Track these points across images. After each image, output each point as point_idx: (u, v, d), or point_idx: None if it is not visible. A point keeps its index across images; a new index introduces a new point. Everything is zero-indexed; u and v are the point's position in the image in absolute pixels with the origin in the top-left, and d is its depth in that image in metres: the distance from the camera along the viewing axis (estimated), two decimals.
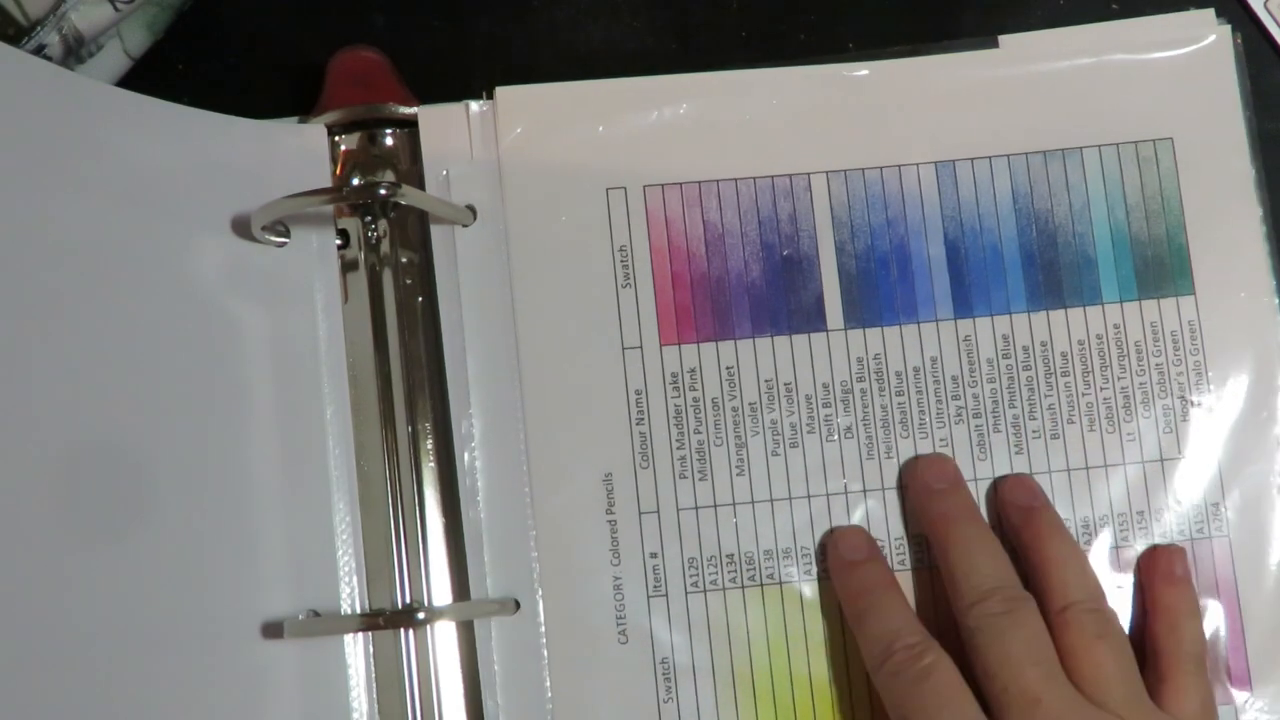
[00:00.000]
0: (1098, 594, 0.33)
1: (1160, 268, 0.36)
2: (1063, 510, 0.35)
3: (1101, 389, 0.36)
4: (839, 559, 0.34)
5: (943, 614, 0.34)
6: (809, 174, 0.36)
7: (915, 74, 0.36)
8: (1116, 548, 0.35)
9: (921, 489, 0.34)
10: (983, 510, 0.35)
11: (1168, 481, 0.35)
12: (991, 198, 0.36)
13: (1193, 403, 0.36)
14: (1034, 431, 0.35)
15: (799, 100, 0.36)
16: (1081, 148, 0.36)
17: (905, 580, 0.35)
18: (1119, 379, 0.36)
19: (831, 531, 0.35)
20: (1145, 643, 0.34)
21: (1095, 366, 0.36)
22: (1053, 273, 0.36)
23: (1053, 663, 0.31)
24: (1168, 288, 0.36)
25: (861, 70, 0.36)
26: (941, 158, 0.36)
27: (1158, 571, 0.34)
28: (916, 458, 0.35)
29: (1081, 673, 0.31)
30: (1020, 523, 0.34)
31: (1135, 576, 0.35)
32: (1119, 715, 0.31)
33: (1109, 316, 0.36)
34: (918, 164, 0.36)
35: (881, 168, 0.36)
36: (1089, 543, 0.35)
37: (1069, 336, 0.36)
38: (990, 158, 0.36)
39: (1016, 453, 0.35)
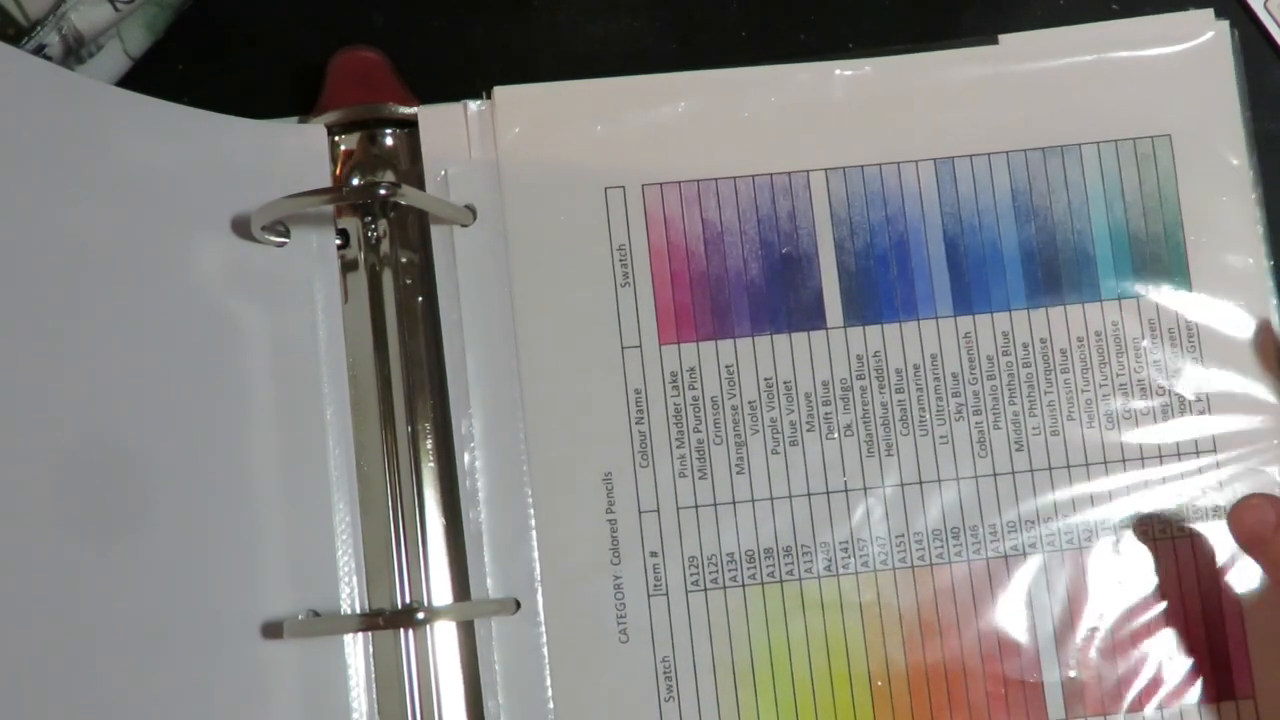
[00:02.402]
0: None
1: (1158, 264, 0.36)
2: (1062, 508, 0.35)
3: (1101, 385, 0.36)
4: (1252, 533, 0.32)
5: (949, 608, 0.34)
6: (808, 171, 0.36)
7: (914, 71, 0.36)
8: (1117, 544, 0.35)
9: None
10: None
11: (1167, 479, 0.35)
12: (991, 194, 0.36)
13: (1191, 399, 0.36)
14: (1034, 428, 0.35)
15: (798, 98, 0.36)
16: (1080, 144, 0.36)
17: (906, 578, 0.35)
18: (1118, 376, 0.36)
19: (1233, 509, 0.33)
20: None
21: (1094, 363, 0.36)
22: (1052, 269, 0.36)
23: None
24: (1165, 284, 0.36)
25: (861, 68, 0.36)
26: (940, 154, 0.36)
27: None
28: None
29: None
30: None
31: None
32: None
33: (1108, 313, 0.36)
34: (917, 161, 0.36)
35: (880, 165, 0.36)
36: (1089, 540, 0.35)
37: (1068, 333, 0.36)
38: (989, 154, 0.36)
39: (1017, 450, 0.35)
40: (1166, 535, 0.35)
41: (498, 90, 0.36)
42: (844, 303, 0.36)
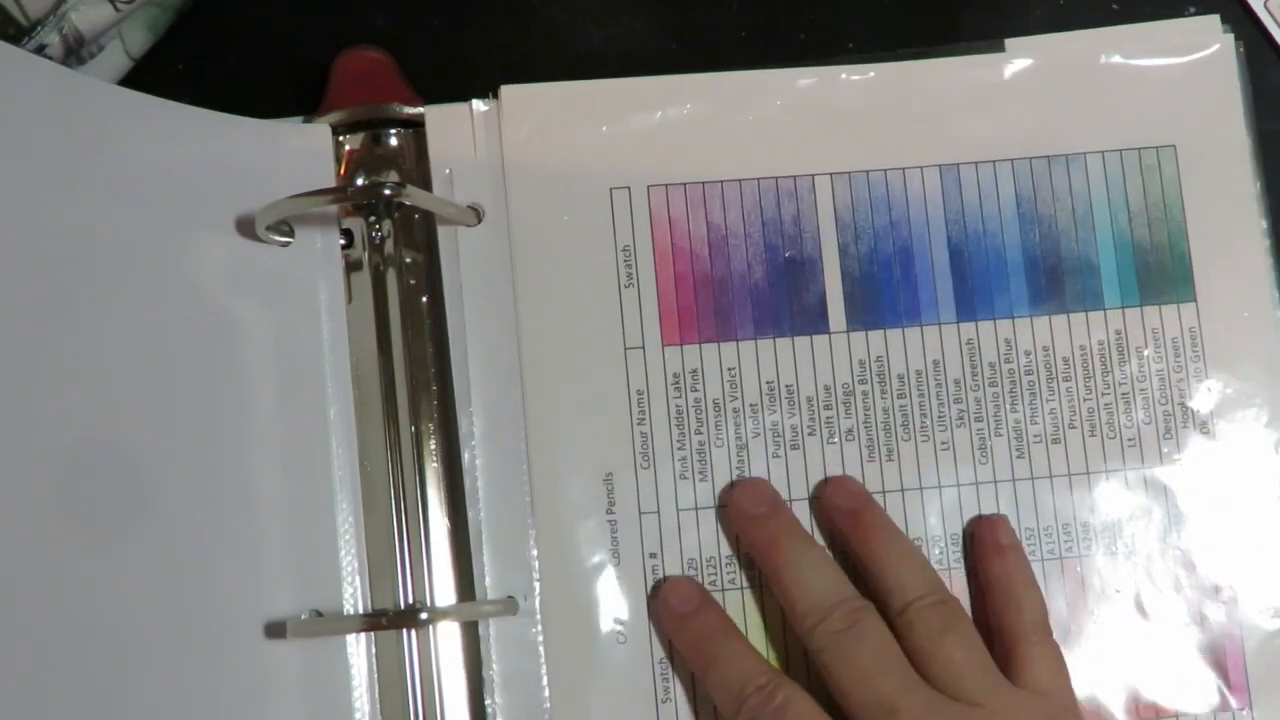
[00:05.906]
0: (936, 586, 0.33)
1: (1162, 274, 0.36)
2: (1062, 514, 0.35)
3: (1103, 394, 0.36)
4: (671, 613, 0.34)
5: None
6: (813, 175, 0.36)
7: (920, 76, 0.36)
8: (1114, 553, 0.35)
9: (740, 515, 0.34)
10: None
11: (1167, 487, 0.35)
12: (995, 202, 0.36)
13: (1193, 409, 0.36)
14: (1035, 435, 0.36)
15: (804, 102, 0.36)
16: (1085, 154, 0.36)
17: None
18: (1120, 384, 0.36)
19: (660, 584, 0.34)
20: (989, 620, 0.34)
21: (1096, 371, 0.36)
22: (1055, 277, 0.36)
23: (904, 668, 0.31)
24: (1169, 294, 0.36)
25: (867, 73, 0.36)
26: (945, 161, 0.36)
27: (985, 545, 0.34)
28: (733, 483, 0.35)
29: (933, 670, 0.31)
30: (847, 527, 0.34)
31: (967, 553, 0.35)
32: (977, 704, 0.31)
33: (1110, 322, 0.36)
34: (922, 167, 0.36)
35: (886, 170, 0.36)
36: (1088, 549, 0.35)
37: (1070, 341, 0.36)
38: (994, 162, 0.36)
39: (1017, 456, 0.35)
40: (1165, 544, 0.35)
41: (505, 90, 0.36)
42: (847, 307, 0.36)
